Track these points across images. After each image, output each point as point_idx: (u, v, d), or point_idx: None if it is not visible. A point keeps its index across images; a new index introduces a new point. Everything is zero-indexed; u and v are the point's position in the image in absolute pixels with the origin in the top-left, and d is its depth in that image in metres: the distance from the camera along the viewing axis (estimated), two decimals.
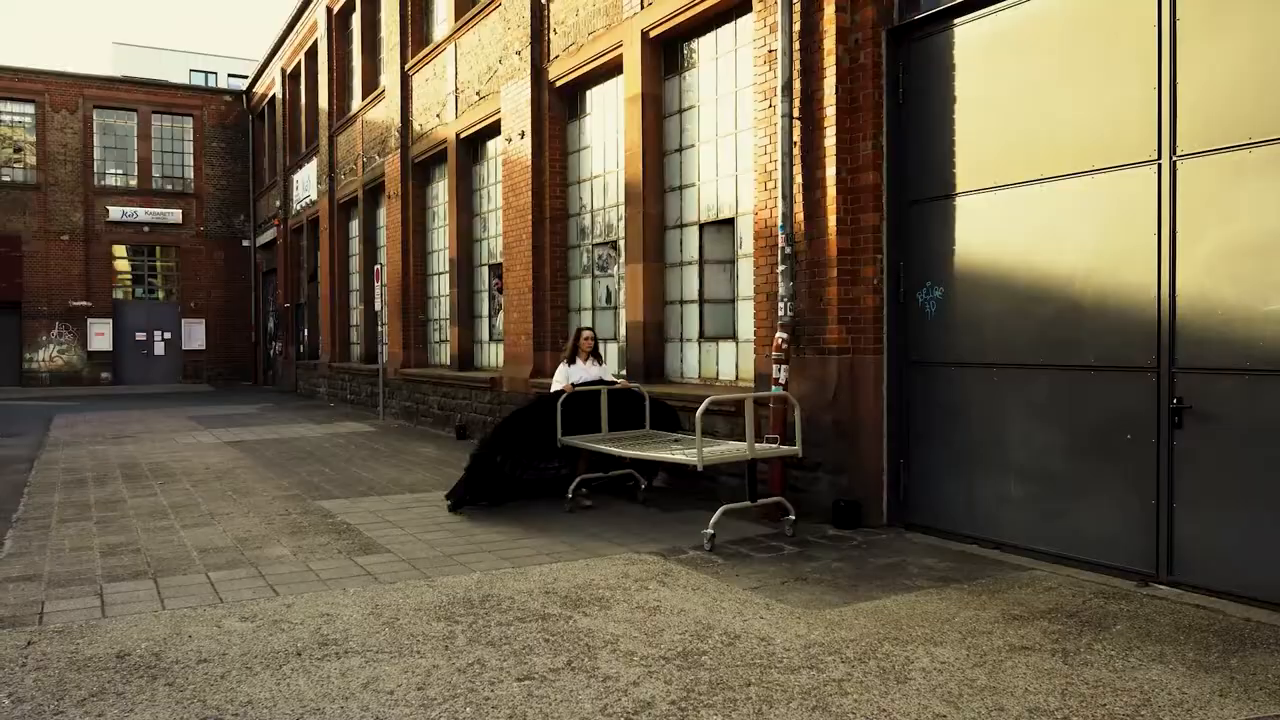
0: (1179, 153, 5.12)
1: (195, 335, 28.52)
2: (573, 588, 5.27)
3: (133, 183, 27.95)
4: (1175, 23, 5.14)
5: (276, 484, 9.12)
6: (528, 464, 7.92)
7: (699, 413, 6.27)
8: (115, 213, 27.37)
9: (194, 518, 7.42)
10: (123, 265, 28.09)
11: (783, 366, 7.10)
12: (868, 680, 3.84)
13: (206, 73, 39.95)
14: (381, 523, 7.18)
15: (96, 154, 27.46)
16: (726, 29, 8.61)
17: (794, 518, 6.58)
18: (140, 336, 27.99)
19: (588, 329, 8.37)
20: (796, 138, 7.12)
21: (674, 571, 5.61)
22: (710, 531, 6.15)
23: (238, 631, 4.52)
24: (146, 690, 3.79)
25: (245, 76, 31.99)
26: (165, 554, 6.17)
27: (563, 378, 8.02)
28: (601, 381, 8.08)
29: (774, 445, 6.76)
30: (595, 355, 8.28)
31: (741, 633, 4.45)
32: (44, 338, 26.64)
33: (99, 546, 6.41)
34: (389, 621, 4.66)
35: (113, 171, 27.90)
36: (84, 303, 26.96)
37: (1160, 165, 5.20)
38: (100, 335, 27.17)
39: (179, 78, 35.72)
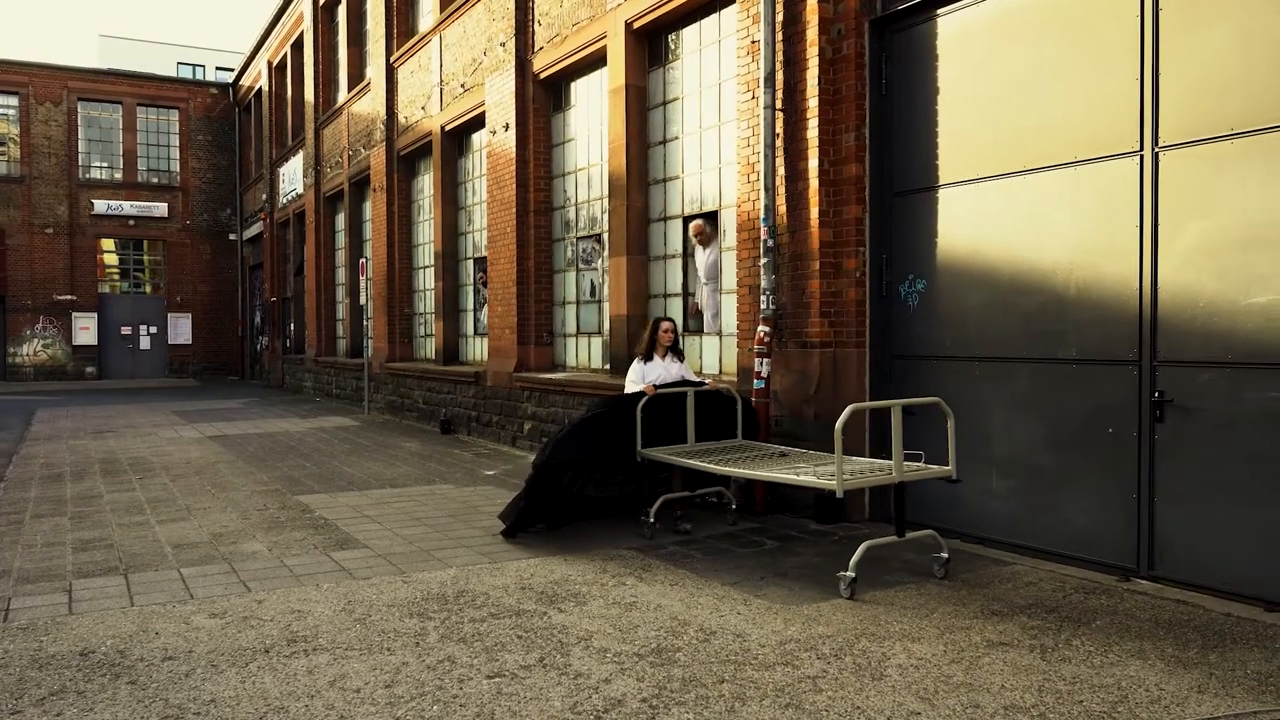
0: (1161, 144, 5.08)
1: (181, 330, 28.34)
2: (549, 583, 5.21)
3: (118, 176, 27.75)
4: (1158, 13, 5.09)
5: (256, 479, 9.03)
6: (592, 478, 6.75)
7: (839, 424, 4.94)
8: (100, 206, 27.18)
9: (170, 513, 7.33)
10: (108, 259, 27.89)
11: (765, 360, 7.06)
12: (843, 677, 3.79)
13: (194, 65, 39.64)
14: (360, 518, 7.10)
15: (81, 146, 27.25)
16: (710, 20, 8.54)
17: (946, 555, 5.35)
18: (126, 331, 27.81)
19: (668, 320, 6.99)
20: (779, 129, 7.06)
21: (652, 567, 5.55)
22: (851, 574, 4.96)
23: (206, 628, 4.44)
24: (108, 689, 3.71)
25: (233, 70, 31.74)
26: (138, 550, 6.09)
27: (639, 377, 6.77)
28: (685, 382, 6.81)
29: (919, 464, 5.49)
30: (675, 350, 6.96)
31: (717, 629, 4.39)
32: (28, 332, 26.45)
33: (71, 542, 6.32)
34: (360, 618, 4.59)
35: (97, 164, 27.68)
36: (69, 296, 26.77)
37: (1142, 156, 5.16)
38: (85, 329, 26.98)
39: (166, 71, 35.41)
